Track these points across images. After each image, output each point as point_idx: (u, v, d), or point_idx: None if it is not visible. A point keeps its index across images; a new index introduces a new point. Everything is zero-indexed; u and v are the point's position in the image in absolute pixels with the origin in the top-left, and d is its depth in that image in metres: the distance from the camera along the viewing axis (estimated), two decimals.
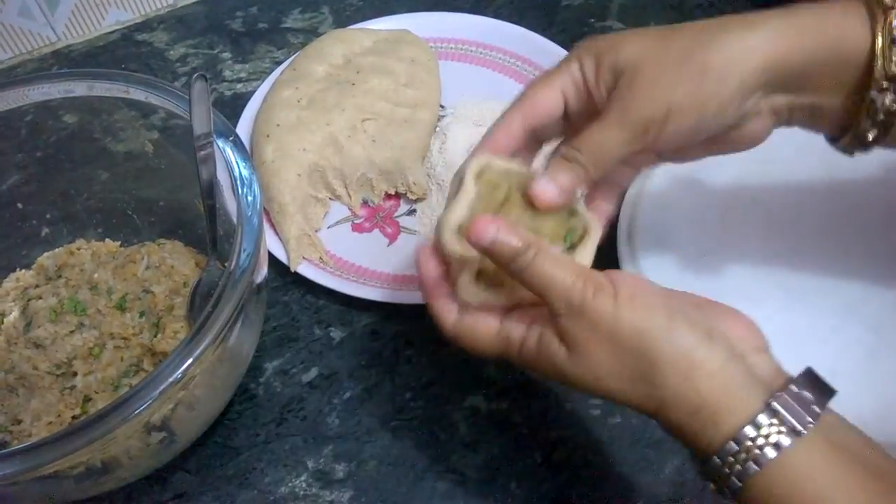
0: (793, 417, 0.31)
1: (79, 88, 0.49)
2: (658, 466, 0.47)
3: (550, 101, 0.39)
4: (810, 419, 0.31)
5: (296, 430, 0.50)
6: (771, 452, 0.30)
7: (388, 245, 0.58)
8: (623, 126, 0.37)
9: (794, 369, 0.46)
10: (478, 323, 0.37)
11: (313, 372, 0.52)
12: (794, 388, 0.32)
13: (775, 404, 0.31)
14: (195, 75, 0.44)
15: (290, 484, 0.48)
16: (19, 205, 0.53)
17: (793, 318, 0.49)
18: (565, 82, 0.39)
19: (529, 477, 0.47)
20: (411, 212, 0.59)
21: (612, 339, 0.33)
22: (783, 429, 0.31)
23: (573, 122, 0.40)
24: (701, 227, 0.53)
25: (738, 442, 0.31)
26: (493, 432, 0.49)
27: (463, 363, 0.52)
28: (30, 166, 0.53)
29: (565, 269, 0.34)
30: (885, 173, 0.55)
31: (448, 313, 0.38)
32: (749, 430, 0.31)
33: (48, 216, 0.54)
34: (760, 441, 0.31)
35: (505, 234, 0.34)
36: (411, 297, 0.53)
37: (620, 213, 0.54)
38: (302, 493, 0.47)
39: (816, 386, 0.33)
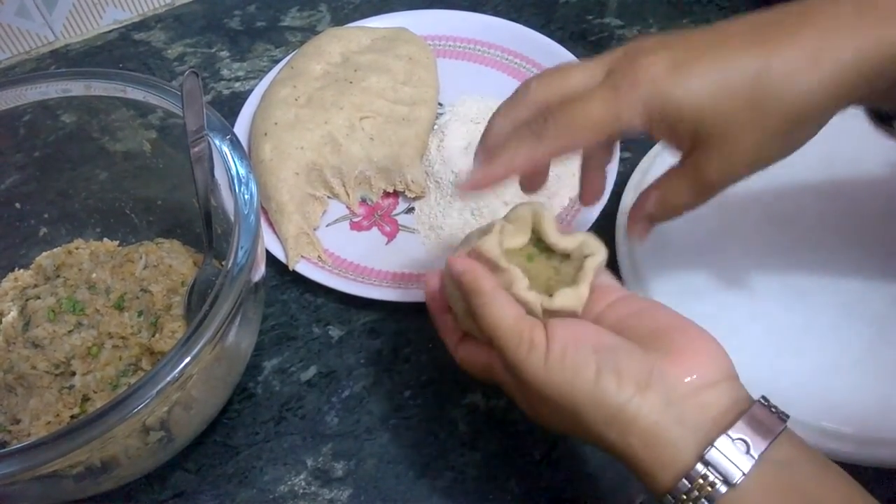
0: (727, 466, 0.30)
1: (76, 88, 0.49)
2: None
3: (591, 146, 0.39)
4: (742, 468, 0.30)
5: (295, 429, 0.50)
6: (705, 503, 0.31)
7: (387, 243, 0.58)
8: (694, 189, 0.37)
9: (794, 366, 0.47)
10: (470, 350, 0.40)
11: (312, 370, 0.52)
12: (732, 433, 0.31)
13: (709, 455, 0.31)
14: (187, 72, 0.44)
15: (289, 482, 0.48)
16: (17, 204, 0.53)
17: (792, 314, 0.49)
18: (615, 127, 0.36)
19: (528, 474, 0.47)
20: (410, 210, 0.59)
21: (543, 397, 0.34)
22: (717, 479, 0.30)
23: None
24: (700, 223, 0.53)
25: (674, 496, 0.31)
26: (491, 430, 0.49)
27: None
28: (28, 166, 0.53)
29: (509, 321, 0.35)
30: (884, 170, 0.55)
31: (453, 335, 0.42)
32: (683, 484, 0.31)
33: (46, 216, 0.54)
34: (695, 494, 0.31)
35: (470, 274, 0.36)
36: (410, 295, 0.53)
37: (618, 211, 0.54)
38: (301, 491, 0.47)
39: (762, 421, 0.32)
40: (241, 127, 0.62)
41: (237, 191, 0.42)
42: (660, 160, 0.55)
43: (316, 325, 0.54)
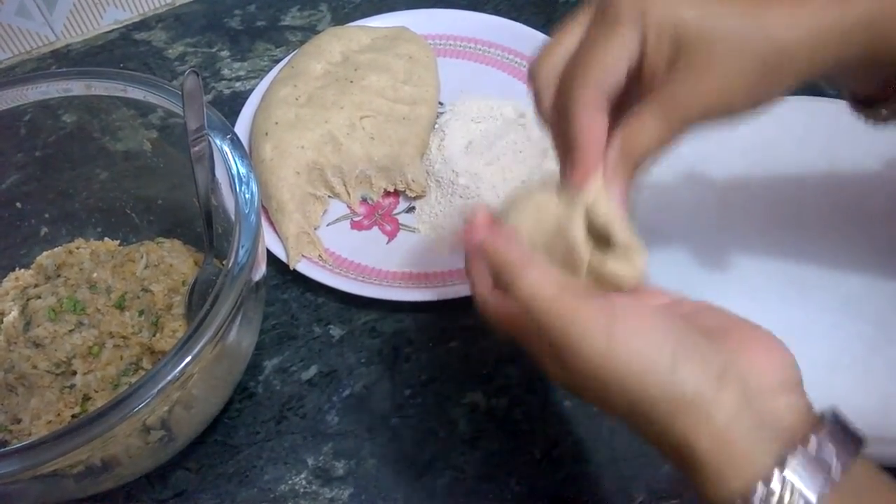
0: (806, 484, 0.28)
1: (77, 87, 0.49)
2: (657, 462, 0.47)
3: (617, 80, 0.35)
4: (826, 487, 0.28)
5: (295, 428, 0.50)
6: None
7: (388, 242, 0.57)
8: (664, 119, 0.34)
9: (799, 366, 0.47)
10: (501, 298, 0.35)
11: (313, 370, 0.52)
12: (811, 448, 0.28)
13: (788, 471, 0.28)
14: (188, 71, 0.44)
15: (289, 482, 0.48)
16: (18, 204, 0.53)
17: (793, 312, 0.49)
18: (624, 55, 0.34)
19: (529, 473, 0.47)
20: (410, 209, 0.59)
21: (599, 382, 0.30)
22: (794, 498, 0.27)
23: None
24: (701, 220, 0.53)
25: (746, 501, 0.28)
26: (492, 429, 0.49)
27: (462, 360, 0.52)
28: (29, 166, 0.53)
29: (549, 290, 0.31)
30: (885, 168, 0.54)
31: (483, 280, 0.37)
32: (760, 491, 0.28)
33: (47, 215, 0.54)
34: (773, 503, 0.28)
35: (494, 241, 0.33)
36: (411, 294, 0.53)
37: None
38: (302, 490, 0.47)
39: (841, 438, 0.29)
40: (241, 126, 0.62)
41: (238, 190, 0.42)
42: None
43: (317, 324, 0.54)
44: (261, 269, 0.44)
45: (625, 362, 0.29)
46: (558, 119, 0.36)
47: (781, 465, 0.28)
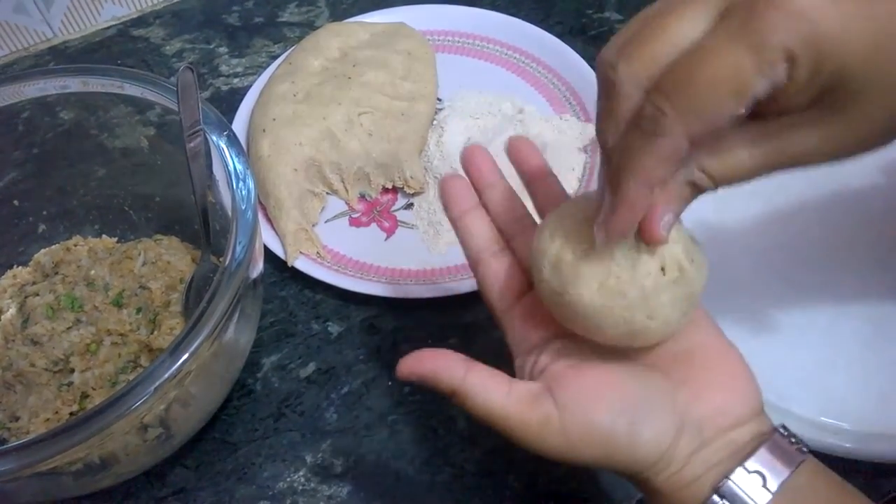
0: (744, 498, 0.30)
1: (74, 84, 0.49)
2: None
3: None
4: (759, 500, 0.30)
5: (294, 425, 0.50)
6: None
7: (386, 239, 0.57)
8: (766, 157, 0.28)
9: (792, 362, 0.47)
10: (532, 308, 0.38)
11: (311, 367, 0.52)
12: (747, 466, 0.31)
13: (724, 488, 0.31)
14: (182, 67, 0.44)
15: (288, 479, 0.48)
16: (16, 202, 0.53)
17: (791, 311, 0.49)
18: (764, 85, 0.25)
19: (528, 470, 0.47)
20: (409, 206, 0.59)
21: (569, 459, 0.33)
22: None
23: None
24: (698, 220, 0.53)
25: None
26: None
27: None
28: (26, 163, 0.53)
29: (498, 404, 0.33)
30: (883, 167, 0.54)
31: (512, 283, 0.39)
32: None
33: (45, 213, 0.54)
34: None
35: (436, 372, 0.34)
36: (409, 291, 0.53)
37: None
38: (300, 487, 0.47)
39: (779, 453, 0.31)
40: (239, 123, 0.62)
41: (234, 187, 0.42)
42: None
43: (315, 321, 0.54)
44: (258, 266, 0.44)
45: (587, 451, 0.32)
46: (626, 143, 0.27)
47: (719, 487, 0.31)
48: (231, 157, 0.44)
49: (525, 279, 0.37)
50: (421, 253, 0.56)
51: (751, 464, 0.31)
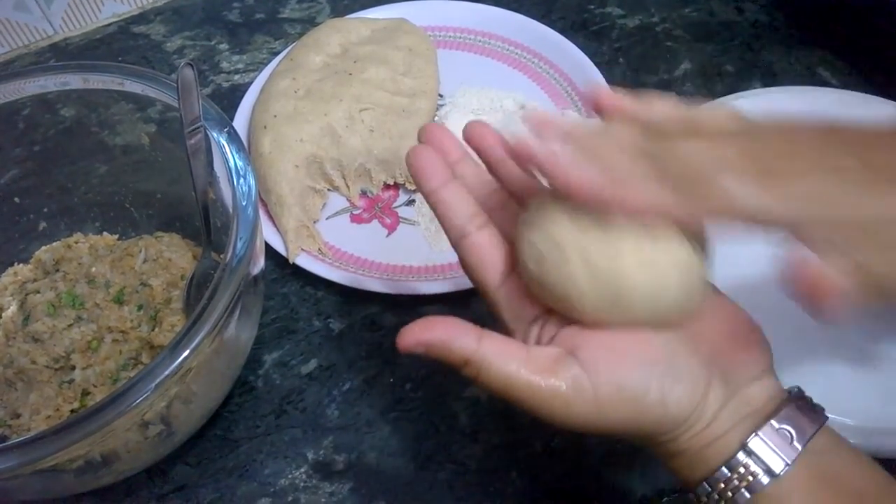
0: (770, 456, 0.30)
1: (75, 81, 0.49)
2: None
3: None
4: (787, 458, 0.30)
5: (295, 422, 0.50)
6: (746, 494, 0.30)
7: (387, 236, 0.57)
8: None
9: (795, 357, 0.46)
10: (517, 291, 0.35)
11: (312, 363, 0.52)
12: (774, 423, 0.30)
13: (752, 444, 0.30)
14: (182, 63, 0.44)
15: (290, 476, 0.48)
16: (17, 199, 0.53)
17: (793, 305, 0.49)
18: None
19: (529, 466, 0.47)
20: (410, 202, 0.59)
21: (594, 430, 0.31)
22: (759, 469, 0.30)
23: None
24: None
25: (711, 484, 0.30)
26: (492, 422, 0.49)
27: None
28: (27, 160, 0.53)
29: (521, 376, 0.30)
30: None
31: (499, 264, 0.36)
32: (722, 473, 0.30)
33: (45, 210, 0.54)
34: (734, 484, 0.30)
35: (447, 341, 0.31)
36: (410, 287, 0.53)
37: None
38: (302, 484, 0.47)
39: (803, 412, 0.31)
40: (240, 120, 0.62)
41: (235, 183, 0.42)
42: None
43: (316, 318, 0.54)
44: (259, 263, 0.44)
45: (615, 414, 0.30)
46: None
47: (746, 443, 0.30)
48: (232, 153, 0.44)
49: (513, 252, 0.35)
50: (422, 249, 0.56)
51: (778, 420, 0.30)
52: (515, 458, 0.47)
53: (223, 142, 0.44)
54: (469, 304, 0.53)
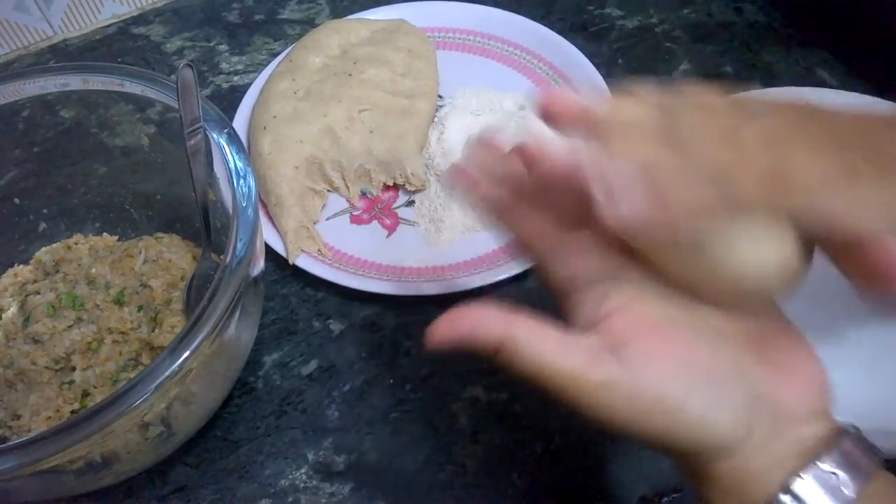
0: (815, 500, 0.27)
1: (74, 82, 0.49)
2: (659, 455, 0.47)
3: None
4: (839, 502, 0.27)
5: (295, 423, 0.50)
6: None
7: (387, 236, 0.57)
8: None
9: None
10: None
11: (313, 364, 0.52)
12: (825, 465, 0.27)
13: (794, 487, 0.27)
14: (182, 64, 0.44)
15: (290, 476, 0.48)
16: (16, 200, 0.53)
17: (793, 306, 0.49)
18: None
19: (530, 467, 0.47)
20: (410, 203, 0.59)
21: (624, 429, 0.28)
22: None
23: None
24: None
25: None
26: (493, 423, 0.49)
27: (463, 354, 0.52)
28: (27, 161, 0.53)
29: (562, 362, 0.28)
30: None
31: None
32: None
33: (45, 211, 0.54)
34: None
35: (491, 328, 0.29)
36: (410, 288, 0.53)
37: None
38: (302, 485, 0.47)
39: (858, 457, 0.28)
40: (240, 121, 0.62)
41: (235, 184, 0.42)
42: None
43: (316, 319, 0.54)
44: (259, 264, 0.44)
45: (649, 424, 0.28)
46: None
47: (789, 485, 0.27)
48: (232, 154, 0.44)
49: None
50: (422, 250, 0.56)
51: (829, 462, 0.28)
52: (515, 459, 0.47)
53: (223, 143, 0.44)
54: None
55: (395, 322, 0.53)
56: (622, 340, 0.28)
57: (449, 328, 0.30)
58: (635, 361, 0.28)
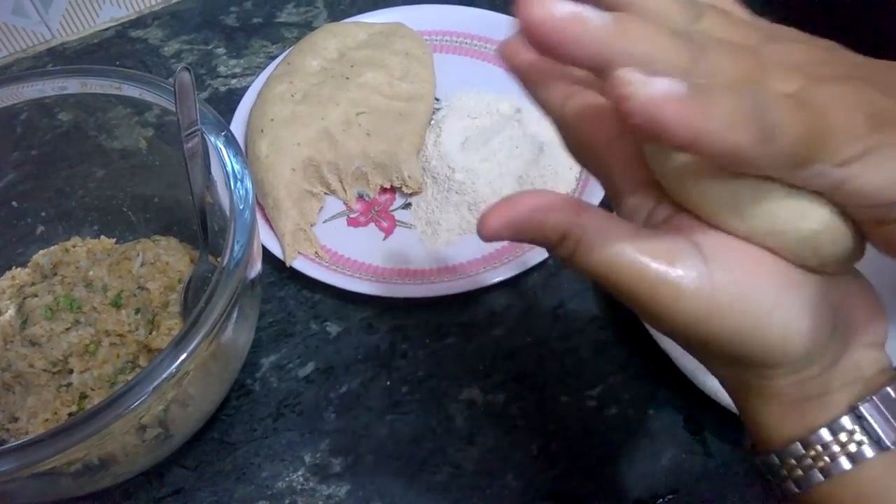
0: (882, 426, 0.26)
1: (72, 85, 0.49)
2: (654, 457, 0.47)
3: None
4: None
5: (293, 425, 0.50)
6: (845, 464, 0.26)
7: (384, 239, 0.57)
8: None
9: None
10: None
11: (310, 366, 0.52)
12: (891, 391, 0.26)
13: (862, 409, 0.26)
14: (179, 68, 0.44)
15: (287, 478, 0.48)
16: (14, 203, 0.53)
17: None
18: None
19: (526, 469, 0.47)
20: (406, 205, 0.59)
21: (700, 339, 0.26)
22: (865, 438, 0.26)
23: None
24: None
25: (806, 445, 0.26)
26: (489, 425, 0.49)
27: (459, 356, 0.52)
28: (25, 164, 0.53)
29: (629, 256, 0.25)
30: None
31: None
32: (824, 434, 0.26)
33: (43, 214, 0.54)
34: (835, 448, 0.26)
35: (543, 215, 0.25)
36: (407, 290, 0.53)
37: None
38: (299, 487, 0.47)
39: None
40: (237, 124, 0.62)
41: (232, 187, 0.42)
42: None
43: (313, 321, 0.54)
44: (256, 266, 0.44)
45: (726, 322, 0.25)
46: None
47: (857, 407, 0.26)
48: (229, 157, 0.44)
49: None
50: (419, 253, 0.56)
51: (893, 390, 0.26)
52: (511, 460, 0.48)
53: (220, 146, 0.44)
54: (464, 307, 0.54)
55: (392, 324, 0.54)
56: (704, 236, 0.25)
57: (507, 211, 0.25)
58: (722, 260, 0.25)
